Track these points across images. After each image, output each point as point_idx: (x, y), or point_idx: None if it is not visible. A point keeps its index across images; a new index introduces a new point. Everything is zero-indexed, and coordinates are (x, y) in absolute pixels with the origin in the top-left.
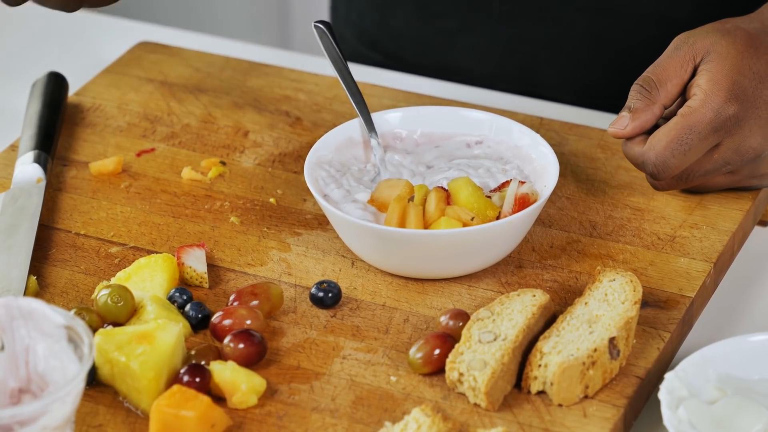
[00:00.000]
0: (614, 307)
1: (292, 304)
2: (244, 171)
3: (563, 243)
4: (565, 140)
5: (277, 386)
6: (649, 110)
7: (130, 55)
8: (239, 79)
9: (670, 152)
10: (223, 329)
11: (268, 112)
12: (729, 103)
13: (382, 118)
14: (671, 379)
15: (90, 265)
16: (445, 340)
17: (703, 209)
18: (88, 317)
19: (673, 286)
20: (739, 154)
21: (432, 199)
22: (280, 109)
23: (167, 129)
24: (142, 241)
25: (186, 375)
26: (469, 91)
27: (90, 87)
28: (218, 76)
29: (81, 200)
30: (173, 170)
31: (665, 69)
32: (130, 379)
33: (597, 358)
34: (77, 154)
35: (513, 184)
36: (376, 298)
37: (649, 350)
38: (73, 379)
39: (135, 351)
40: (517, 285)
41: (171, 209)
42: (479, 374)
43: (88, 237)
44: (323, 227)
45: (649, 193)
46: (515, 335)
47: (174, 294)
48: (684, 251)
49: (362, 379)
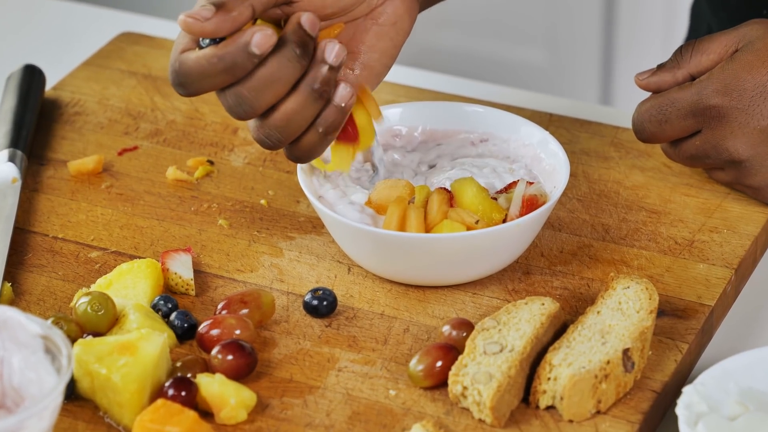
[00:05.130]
0: (628, 317)
1: (284, 313)
2: (233, 170)
3: (574, 248)
4: (577, 138)
5: (268, 400)
6: (671, 73)
7: (111, 46)
8: None
9: (648, 116)
10: (210, 340)
11: None
12: (717, 94)
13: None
14: (689, 394)
15: (68, 271)
16: (448, 352)
17: (723, 212)
18: (67, 327)
19: (692, 294)
20: (717, 151)
21: (434, 201)
22: None
23: (151, 125)
24: (124, 246)
25: (171, 388)
26: (474, 85)
27: (68, 81)
28: None
29: (59, 202)
30: (157, 170)
31: (711, 41)
32: (111, 393)
33: (610, 371)
34: (55, 152)
35: (520, 184)
36: (374, 307)
37: (665, 362)
38: (50, 393)
39: (116, 363)
40: (524, 293)
41: (155, 211)
42: (484, 388)
43: (66, 241)
44: (318, 231)
45: (665, 194)
46: (523, 346)
47: (158, 302)
48: (703, 257)
49: (359, 392)
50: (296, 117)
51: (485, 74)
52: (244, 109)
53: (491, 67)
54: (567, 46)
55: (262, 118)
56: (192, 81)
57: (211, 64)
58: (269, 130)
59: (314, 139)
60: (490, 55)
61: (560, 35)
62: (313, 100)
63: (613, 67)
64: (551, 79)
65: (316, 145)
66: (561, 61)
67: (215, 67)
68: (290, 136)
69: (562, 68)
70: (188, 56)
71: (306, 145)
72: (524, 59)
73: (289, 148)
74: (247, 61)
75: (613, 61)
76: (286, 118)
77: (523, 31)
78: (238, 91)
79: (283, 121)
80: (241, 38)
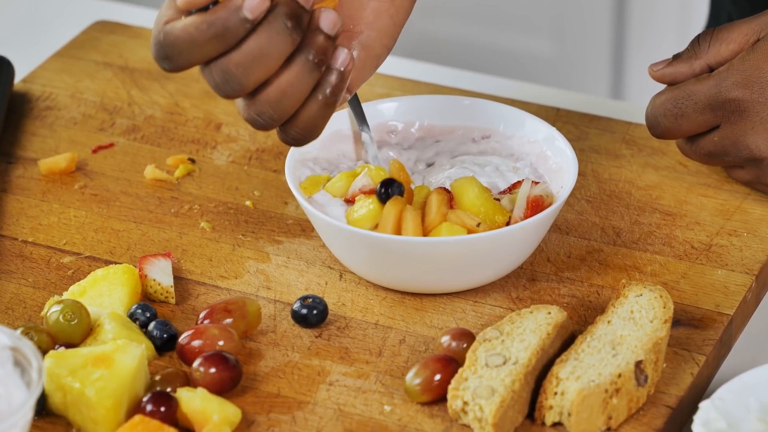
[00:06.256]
0: (641, 327)
1: (271, 323)
2: (216, 169)
3: (583, 252)
4: (585, 134)
5: (254, 417)
6: (688, 64)
7: (85, 35)
8: None
9: (663, 111)
10: (192, 351)
11: None
12: (737, 87)
13: (374, 108)
14: (707, 409)
15: (39, 278)
16: (447, 364)
17: (743, 214)
18: (37, 337)
19: (709, 302)
20: (737, 148)
21: (432, 202)
22: None
23: (128, 121)
24: (98, 250)
25: (149, 404)
26: (475, 77)
27: (39, 73)
28: None
29: (29, 203)
30: (135, 169)
31: (730, 30)
32: (85, 409)
33: (621, 385)
34: (24, 150)
35: (525, 184)
36: (368, 316)
37: (681, 376)
38: (19, 409)
39: (91, 376)
40: (529, 301)
41: (132, 213)
42: (486, 403)
43: (36, 245)
44: (307, 234)
45: (681, 195)
46: (527, 358)
47: (136, 311)
48: (722, 262)
49: (352, 408)
50: (291, 91)
51: (487, 66)
52: (233, 87)
53: (493, 58)
54: (575, 35)
55: (253, 95)
56: (179, 52)
57: (200, 31)
58: (261, 107)
59: (313, 111)
60: (492, 45)
61: (568, 24)
62: (308, 72)
63: (625, 58)
64: (558, 71)
65: (315, 119)
66: (569, 51)
67: (204, 35)
68: (285, 113)
69: (570, 59)
70: (174, 25)
71: (304, 121)
72: (529, 50)
73: (284, 128)
74: (239, 27)
75: (625, 52)
76: (280, 92)
77: (529, 20)
78: (225, 67)
79: (277, 95)
80: (233, 1)
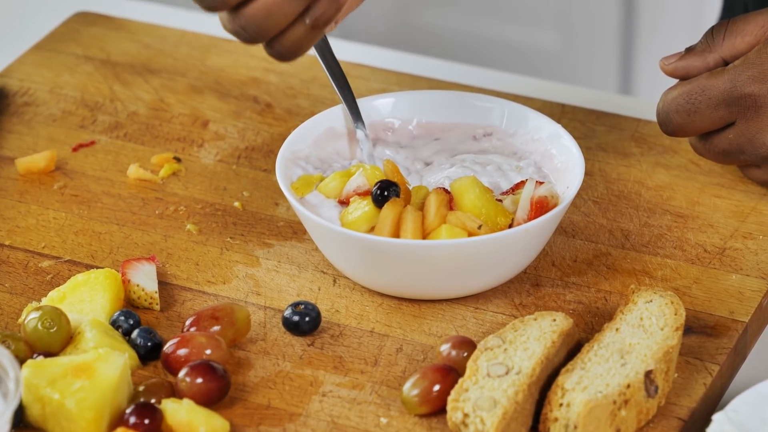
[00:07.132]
0: (651, 335)
1: (261, 331)
2: (203, 169)
3: (590, 256)
4: (593, 132)
5: (242, 429)
6: (701, 57)
7: (64, 28)
8: (197, 57)
9: (675, 106)
10: (177, 360)
11: (232, 98)
12: (753, 81)
13: (370, 104)
14: (721, 422)
15: (16, 283)
16: (447, 374)
17: (758, 215)
18: (15, 346)
19: (723, 309)
20: (753, 145)
21: (431, 203)
22: (246, 93)
23: (110, 118)
24: (79, 254)
25: (132, 416)
26: (476, 71)
27: (16, 67)
28: (172, 54)
29: (5, 204)
30: (117, 168)
31: (746, 22)
32: (65, 421)
33: (630, 396)
34: (1, 148)
35: (529, 184)
36: (363, 323)
37: (693, 386)
38: None
39: (71, 387)
40: (533, 307)
41: (114, 215)
42: (488, 415)
43: (14, 248)
44: (299, 237)
45: (693, 196)
46: (531, 368)
47: (118, 318)
48: (736, 266)
49: (346, 420)
50: (277, 11)
51: (489, 59)
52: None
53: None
54: (582, 27)
55: (237, 8)
56: None
57: None
58: (245, 21)
59: (299, 33)
60: (494, 37)
61: (575, 15)
62: None
63: (635, 52)
64: (564, 65)
65: (301, 41)
66: (575, 44)
67: None
68: (268, 32)
69: (576, 52)
70: None
71: (290, 40)
72: (533, 42)
73: (270, 44)
74: None
75: (635, 45)
76: (265, 10)
77: (533, 10)
78: None
79: (261, 13)
80: None
